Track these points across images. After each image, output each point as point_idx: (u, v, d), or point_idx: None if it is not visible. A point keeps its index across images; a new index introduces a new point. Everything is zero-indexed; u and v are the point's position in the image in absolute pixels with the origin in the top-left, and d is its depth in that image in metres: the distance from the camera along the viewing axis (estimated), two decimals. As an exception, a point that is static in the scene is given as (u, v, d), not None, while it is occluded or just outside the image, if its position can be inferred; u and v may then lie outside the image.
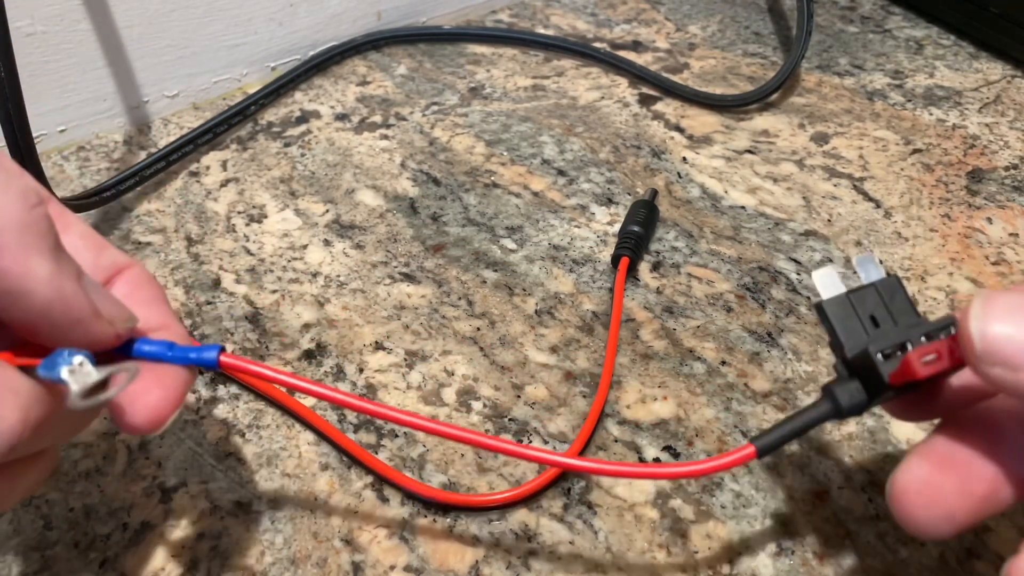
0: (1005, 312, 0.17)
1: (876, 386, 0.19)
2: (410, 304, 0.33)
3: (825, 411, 0.20)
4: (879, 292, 0.20)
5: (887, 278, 0.21)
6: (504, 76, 0.47)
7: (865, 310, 0.20)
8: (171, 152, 0.40)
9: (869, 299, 0.20)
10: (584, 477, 0.27)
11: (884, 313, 0.20)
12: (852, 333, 0.20)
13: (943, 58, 0.48)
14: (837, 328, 0.20)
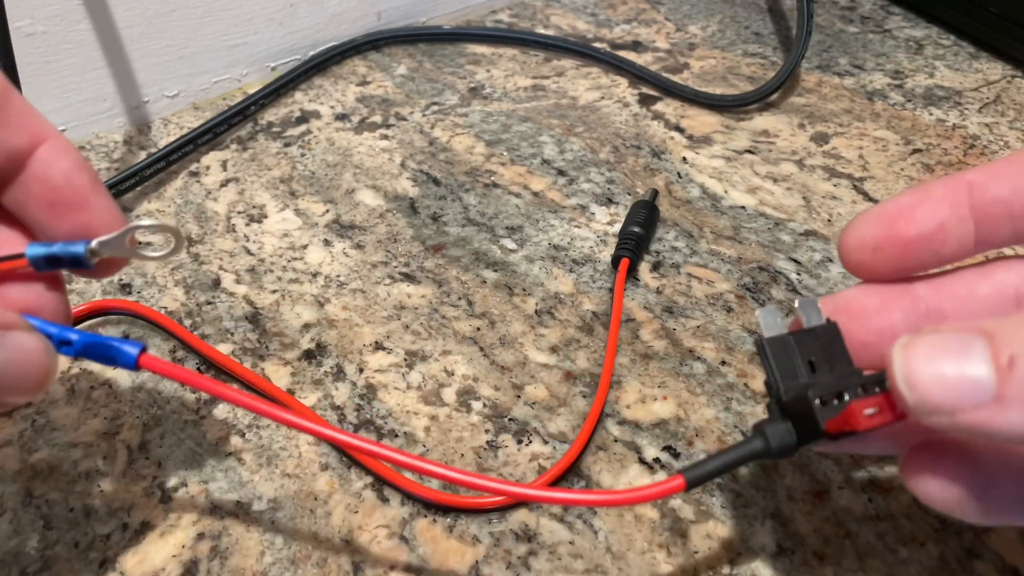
0: (926, 355, 0.17)
1: (810, 431, 0.19)
2: (410, 304, 0.33)
3: (755, 449, 0.20)
4: (818, 338, 0.20)
5: (827, 324, 0.20)
6: (504, 76, 0.47)
7: (804, 354, 0.20)
8: (171, 152, 0.40)
9: (809, 343, 0.20)
10: (584, 477, 0.27)
11: (821, 359, 0.20)
12: (789, 375, 0.20)
13: (943, 58, 0.48)
14: (775, 368, 0.20)
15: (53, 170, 0.19)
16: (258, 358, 0.31)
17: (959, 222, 0.20)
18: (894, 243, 0.20)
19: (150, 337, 0.32)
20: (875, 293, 0.21)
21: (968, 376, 0.16)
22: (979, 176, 0.20)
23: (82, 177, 0.20)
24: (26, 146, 0.19)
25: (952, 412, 0.16)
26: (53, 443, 0.28)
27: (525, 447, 0.28)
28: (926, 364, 0.16)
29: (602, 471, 0.27)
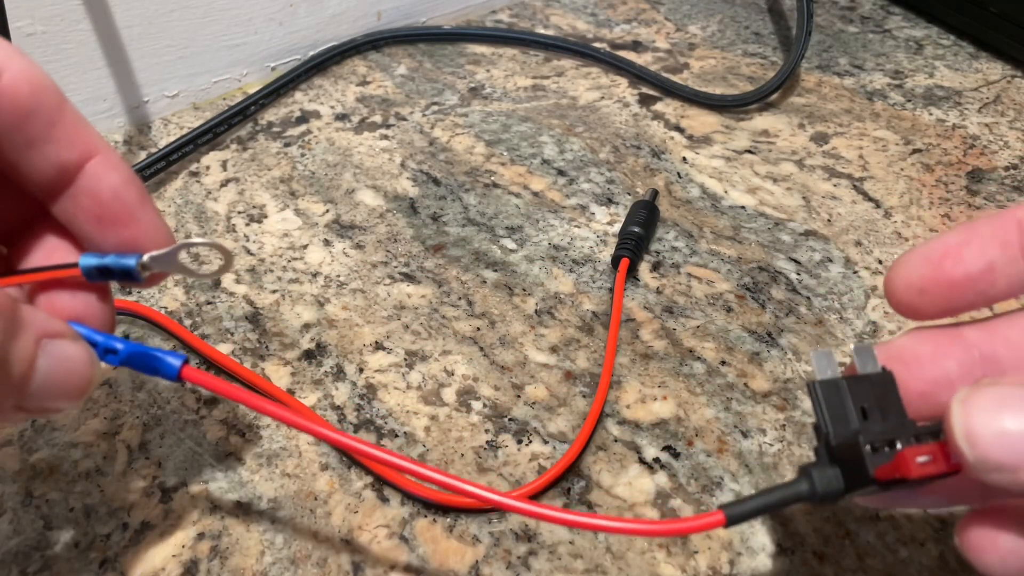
0: (987, 410, 0.16)
1: (858, 477, 0.19)
2: (410, 304, 0.33)
3: (800, 492, 0.19)
4: (873, 385, 0.20)
5: (883, 372, 0.20)
6: (504, 76, 0.47)
7: (857, 400, 0.20)
8: (171, 152, 0.40)
9: (862, 389, 0.20)
10: (584, 477, 0.27)
11: (874, 406, 0.20)
12: (840, 419, 0.19)
13: (943, 58, 0.48)
14: (826, 411, 0.20)
15: (102, 185, 0.20)
16: (258, 358, 0.31)
17: (1009, 262, 0.19)
18: (941, 284, 0.20)
19: (150, 337, 0.32)
20: (928, 340, 0.21)
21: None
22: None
23: (131, 192, 0.20)
24: (77, 160, 0.19)
25: (1015, 470, 0.15)
26: (53, 443, 0.28)
27: (525, 447, 0.28)
28: (987, 419, 0.16)
29: (602, 471, 0.27)
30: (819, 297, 0.34)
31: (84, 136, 0.19)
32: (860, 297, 0.34)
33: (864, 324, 0.32)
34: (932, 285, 0.20)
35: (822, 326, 0.32)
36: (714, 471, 0.27)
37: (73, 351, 0.18)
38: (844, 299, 0.34)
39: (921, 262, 0.20)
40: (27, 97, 0.18)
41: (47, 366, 0.18)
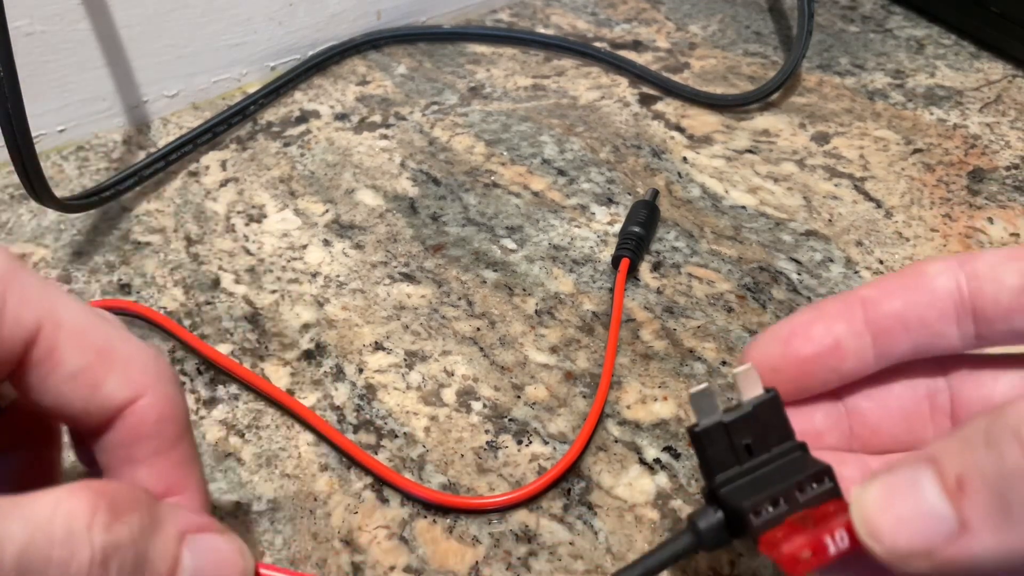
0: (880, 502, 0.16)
1: (743, 531, 0.19)
2: (410, 304, 0.33)
3: (686, 545, 0.19)
4: (757, 413, 0.19)
5: (766, 394, 0.20)
6: (504, 76, 0.47)
7: (741, 438, 0.19)
8: (170, 152, 0.39)
9: (746, 426, 0.19)
10: (585, 478, 0.27)
11: (760, 438, 0.19)
12: (724, 465, 0.19)
13: (944, 58, 0.48)
14: (711, 460, 0.19)
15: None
16: (257, 358, 0.31)
17: (855, 337, 0.20)
18: (792, 362, 0.20)
19: (149, 337, 0.32)
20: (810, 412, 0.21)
21: (925, 511, 0.15)
22: (872, 292, 0.20)
23: None
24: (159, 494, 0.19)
25: (928, 553, 0.15)
26: (52, 443, 0.28)
27: (525, 447, 0.28)
28: (883, 511, 0.16)
29: (602, 471, 0.27)
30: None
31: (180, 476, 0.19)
32: (861, 297, 0.34)
33: (865, 324, 0.32)
34: (783, 363, 0.20)
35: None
36: (715, 472, 0.27)
37: (222, 544, 0.18)
38: (845, 299, 0.33)
39: (772, 341, 0.21)
40: (150, 426, 0.18)
41: (194, 564, 0.17)
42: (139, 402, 0.18)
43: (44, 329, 0.17)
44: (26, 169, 0.32)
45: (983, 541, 0.15)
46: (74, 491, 0.16)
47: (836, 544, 0.17)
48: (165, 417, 0.18)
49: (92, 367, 0.17)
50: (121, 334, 0.18)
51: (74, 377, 0.17)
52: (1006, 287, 0.19)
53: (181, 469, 0.19)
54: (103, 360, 0.18)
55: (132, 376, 0.18)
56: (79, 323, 0.17)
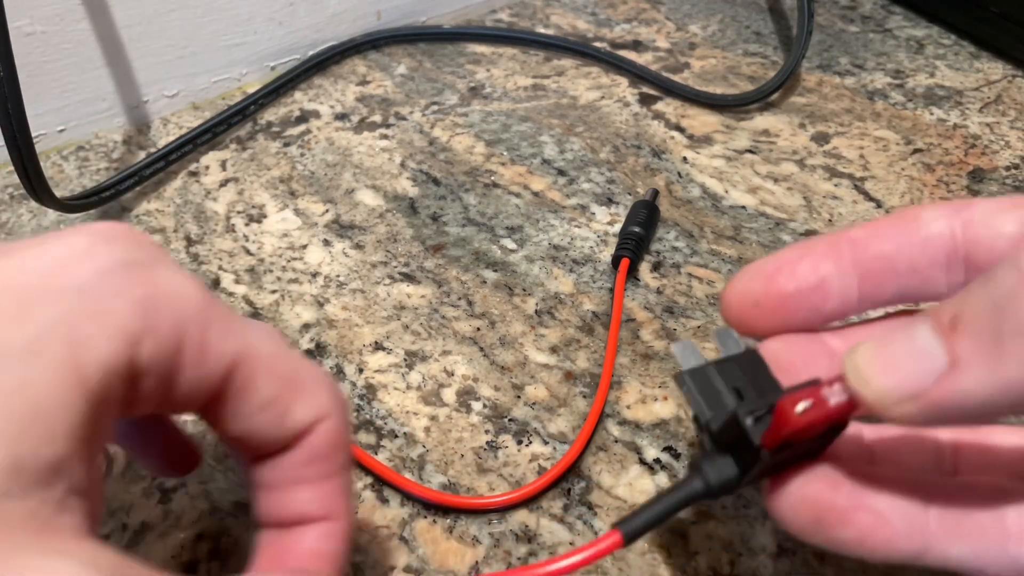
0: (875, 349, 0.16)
1: (748, 456, 0.18)
2: (410, 304, 0.33)
3: (694, 490, 0.18)
4: (741, 365, 0.19)
5: (747, 351, 0.19)
6: (504, 76, 0.47)
7: (729, 382, 0.19)
8: (170, 152, 0.39)
9: (732, 371, 0.19)
10: (585, 478, 0.27)
11: (748, 385, 0.19)
12: (716, 403, 0.19)
13: (944, 58, 0.48)
14: (701, 399, 0.19)
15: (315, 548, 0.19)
16: (257, 358, 0.31)
17: (841, 277, 0.20)
18: (774, 297, 0.20)
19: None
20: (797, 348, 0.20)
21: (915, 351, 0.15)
22: (862, 233, 0.20)
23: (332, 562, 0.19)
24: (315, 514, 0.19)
25: (916, 395, 0.15)
26: (52, 443, 0.28)
27: (525, 447, 0.28)
28: (876, 355, 0.16)
29: (602, 472, 0.27)
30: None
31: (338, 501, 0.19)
32: (861, 297, 0.34)
33: (865, 324, 0.32)
34: (765, 298, 0.20)
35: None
36: (715, 472, 0.27)
37: None
38: (845, 299, 0.33)
39: (756, 275, 0.20)
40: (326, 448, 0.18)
41: None
42: (320, 425, 0.18)
43: (240, 362, 0.17)
44: (26, 169, 0.32)
45: (972, 376, 0.14)
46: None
47: (835, 395, 0.17)
48: (339, 442, 0.19)
49: (282, 395, 0.18)
50: (302, 360, 0.19)
51: (267, 406, 0.18)
52: (1002, 234, 0.19)
53: (342, 496, 0.19)
54: (291, 387, 0.18)
55: (316, 401, 0.18)
56: (269, 352, 0.18)
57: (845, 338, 0.21)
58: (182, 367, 0.16)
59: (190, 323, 0.16)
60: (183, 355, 0.16)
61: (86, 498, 0.15)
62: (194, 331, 0.16)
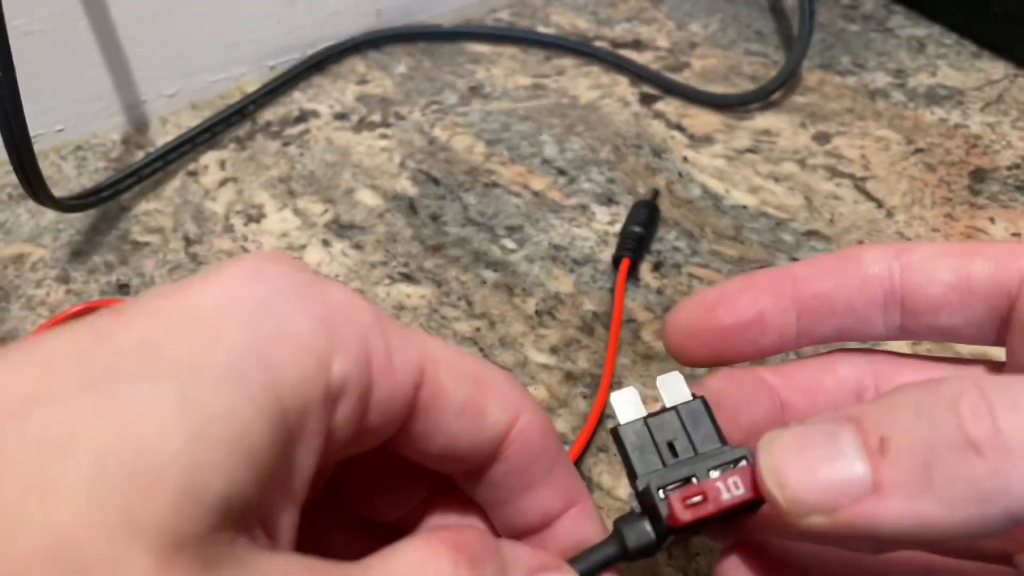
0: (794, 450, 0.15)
1: (662, 526, 0.17)
2: (409, 304, 0.33)
3: (611, 554, 0.18)
4: (681, 417, 0.18)
5: (692, 401, 0.19)
6: (504, 75, 0.47)
7: (663, 436, 0.18)
8: (169, 152, 0.39)
9: (670, 424, 0.18)
10: (585, 478, 0.27)
11: (685, 441, 0.18)
12: (647, 463, 0.18)
13: (945, 57, 0.48)
14: (632, 457, 0.18)
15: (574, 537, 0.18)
16: (256, 359, 0.31)
17: (780, 312, 0.20)
18: (711, 330, 0.20)
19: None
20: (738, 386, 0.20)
21: (839, 465, 0.15)
22: (804, 270, 0.20)
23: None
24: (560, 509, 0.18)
25: (830, 510, 0.14)
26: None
27: (525, 449, 0.28)
28: (794, 460, 0.15)
29: (603, 473, 0.27)
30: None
31: (572, 484, 0.18)
32: (862, 297, 0.33)
33: (866, 325, 0.32)
34: (703, 330, 0.20)
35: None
36: (716, 473, 0.27)
37: None
38: (846, 299, 0.33)
39: (697, 306, 0.20)
40: (537, 442, 0.18)
41: None
42: (519, 423, 0.17)
43: (426, 368, 0.16)
44: (24, 169, 0.31)
45: (893, 506, 0.14)
46: (434, 549, 0.15)
47: (730, 491, 0.16)
48: (546, 430, 0.18)
49: (475, 397, 0.17)
50: (482, 360, 0.18)
51: (463, 411, 0.17)
52: (936, 281, 0.19)
53: (572, 479, 0.19)
54: (480, 388, 0.17)
55: (508, 398, 0.17)
56: (450, 356, 0.17)
57: (783, 376, 0.21)
58: (374, 383, 0.15)
59: (371, 335, 0.15)
60: (372, 369, 0.15)
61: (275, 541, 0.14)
62: (377, 343, 0.15)
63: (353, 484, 0.19)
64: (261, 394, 0.13)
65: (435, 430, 0.17)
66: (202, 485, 0.12)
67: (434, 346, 0.17)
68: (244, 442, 0.12)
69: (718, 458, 0.18)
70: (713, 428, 0.18)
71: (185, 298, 0.14)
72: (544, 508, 0.18)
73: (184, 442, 0.12)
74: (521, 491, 0.18)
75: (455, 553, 0.15)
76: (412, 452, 0.17)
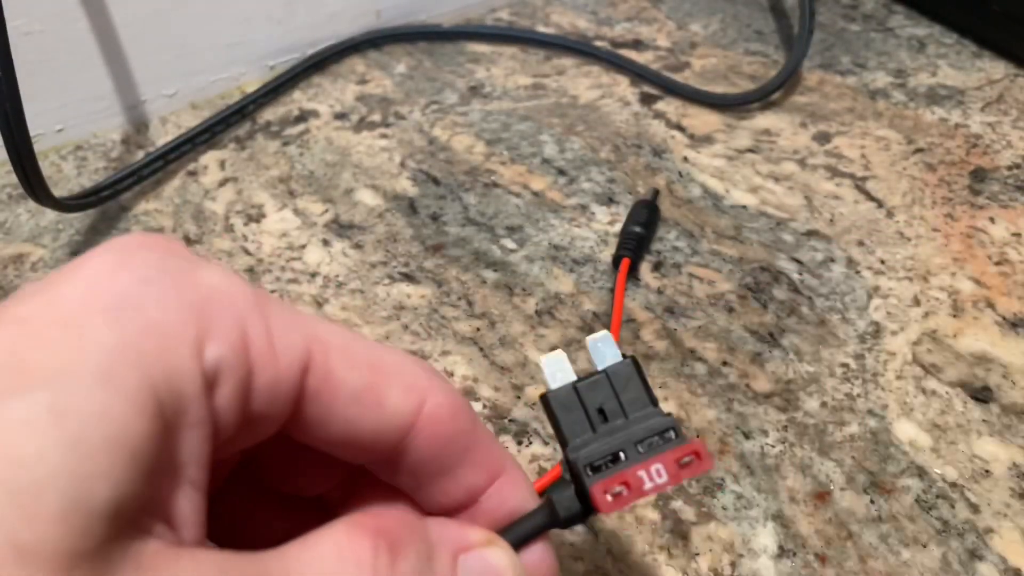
0: None
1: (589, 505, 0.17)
2: (409, 304, 0.33)
3: (542, 522, 0.18)
4: (611, 380, 0.18)
5: (622, 362, 0.19)
6: (504, 75, 0.47)
7: (593, 401, 0.18)
8: (169, 151, 0.39)
9: (601, 388, 0.18)
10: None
11: (615, 404, 0.18)
12: (577, 430, 0.18)
13: (945, 57, 0.48)
14: (562, 424, 0.18)
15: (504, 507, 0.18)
16: (256, 359, 0.31)
17: None
18: None
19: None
20: None
21: None
22: None
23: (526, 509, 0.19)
24: (485, 483, 0.18)
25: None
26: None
27: (525, 448, 0.28)
28: None
29: (602, 473, 0.27)
30: (821, 297, 0.33)
31: (495, 456, 0.18)
32: (862, 297, 0.33)
33: (866, 324, 0.32)
34: None
35: (824, 326, 0.32)
36: (715, 472, 0.27)
37: (492, 559, 0.17)
38: (846, 299, 0.33)
39: None
40: (448, 424, 0.17)
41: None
42: (426, 408, 0.17)
43: (314, 352, 0.15)
44: (24, 169, 0.31)
45: None
46: (351, 533, 0.15)
47: (652, 479, 0.17)
48: (457, 410, 0.17)
49: (373, 383, 0.16)
50: (382, 345, 0.17)
51: (358, 398, 0.16)
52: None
53: (494, 451, 0.18)
54: (378, 373, 0.16)
55: (409, 383, 0.17)
56: (343, 340, 0.16)
57: None
58: (254, 367, 0.15)
59: (249, 319, 0.15)
60: (251, 353, 0.14)
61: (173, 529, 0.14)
62: (255, 326, 0.15)
63: (273, 463, 0.19)
64: (135, 392, 0.13)
65: (330, 417, 0.16)
66: (87, 495, 0.11)
67: (325, 330, 0.16)
68: (124, 443, 0.12)
69: (646, 426, 0.18)
70: (643, 389, 0.18)
71: (48, 299, 0.14)
72: (468, 485, 0.18)
73: (62, 455, 0.11)
74: (439, 474, 0.17)
75: (375, 539, 0.15)
76: (311, 440, 0.16)
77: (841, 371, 0.30)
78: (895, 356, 0.31)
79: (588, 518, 0.18)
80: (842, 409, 0.29)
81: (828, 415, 0.29)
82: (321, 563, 0.14)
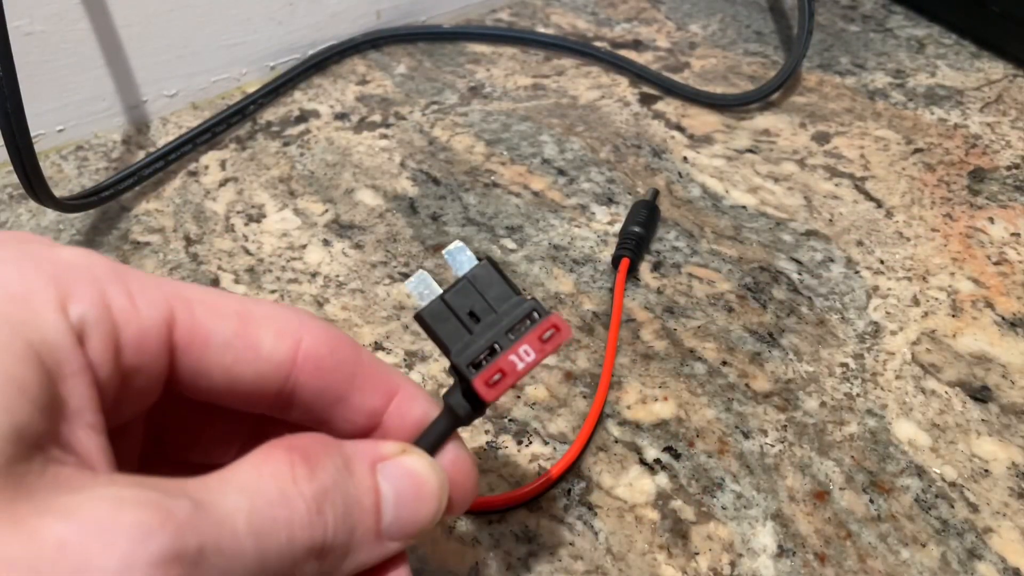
0: None
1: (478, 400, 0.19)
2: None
3: (447, 425, 0.19)
4: (473, 283, 0.20)
5: (478, 265, 0.20)
6: (504, 75, 0.47)
7: (463, 307, 0.19)
8: (170, 152, 0.39)
9: (467, 293, 0.20)
10: (585, 478, 0.27)
11: (483, 304, 0.19)
12: (456, 337, 0.19)
13: (944, 57, 0.48)
14: (441, 335, 0.19)
15: (407, 421, 0.19)
16: (257, 358, 0.31)
17: None
18: None
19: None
20: None
21: None
22: None
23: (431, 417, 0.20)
24: (382, 404, 0.19)
25: None
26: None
27: (525, 448, 0.28)
28: None
29: (602, 472, 0.27)
30: (820, 297, 0.33)
31: (386, 377, 0.19)
32: (861, 297, 0.33)
33: (866, 324, 0.32)
34: None
35: (823, 326, 0.32)
36: (715, 472, 0.27)
37: (411, 465, 0.18)
38: (845, 299, 0.33)
39: None
40: (328, 359, 0.18)
41: (392, 490, 0.17)
42: (303, 347, 0.18)
43: (177, 308, 0.16)
44: (25, 169, 0.32)
45: None
46: (267, 453, 0.16)
47: (523, 359, 0.19)
48: (334, 342, 0.18)
49: (243, 331, 0.17)
50: (252, 298, 0.18)
51: (230, 345, 0.17)
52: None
53: (383, 374, 0.19)
54: (247, 321, 0.17)
55: (281, 327, 0.18)
56: (207, 296, 0.17)
57: None
58: (118, 323, 0.16)
59: (108, 283, 0.16)
60: (113, 311, 0.16)
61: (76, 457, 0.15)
62: (115, 289, 0.16)
63: (181, 433, 0.20)
64: (14, 342, 0.14)
65: (208, 367, 0.17)
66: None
67: (189, 289, 0.17)
68: (13, 381, 0.14)
69: (513, 315, 0.19)
70: (504, 283, 0.20)
71: None
72: (366, 409, 0.19)
73: None
74: (335, 404, 0.18)
75: (289, 454, 0.16)
76: (201, 393, 0.17)
77: (840, 371, 0.31)
78: (894, 356, 0.31)
79: (484, 410, 0.19)
80: (841, 409, 0.29)
81: (827, 415, 0.29)
82: (240, 481, 0.15)
